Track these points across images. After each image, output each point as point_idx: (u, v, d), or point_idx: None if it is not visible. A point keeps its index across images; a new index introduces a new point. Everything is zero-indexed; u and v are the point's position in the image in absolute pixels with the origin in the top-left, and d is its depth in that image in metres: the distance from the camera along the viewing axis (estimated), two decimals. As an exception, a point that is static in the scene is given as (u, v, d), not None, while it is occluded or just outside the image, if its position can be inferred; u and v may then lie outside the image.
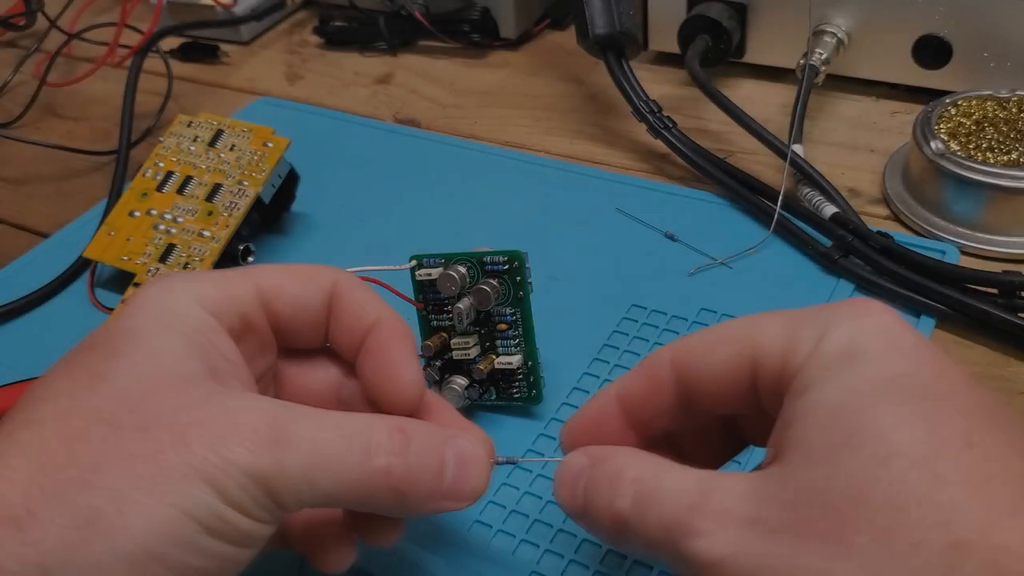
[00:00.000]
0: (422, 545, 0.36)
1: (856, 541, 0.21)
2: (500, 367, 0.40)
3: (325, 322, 0.32)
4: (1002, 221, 0.47)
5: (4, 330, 0.49)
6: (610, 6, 0.56)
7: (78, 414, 0.25)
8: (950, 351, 0.42)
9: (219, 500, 0.25)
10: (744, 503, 0.23)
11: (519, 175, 0.56)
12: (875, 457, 0.22)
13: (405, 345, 0.31)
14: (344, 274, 0.32)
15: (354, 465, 0.27)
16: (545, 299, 0.43)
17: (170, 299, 0.29)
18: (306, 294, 0.31)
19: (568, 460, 0.28)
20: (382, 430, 0.27)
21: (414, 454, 0.28)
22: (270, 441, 0.26)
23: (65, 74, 0.73)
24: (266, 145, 0.50)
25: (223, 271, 0.31)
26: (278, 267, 0.32)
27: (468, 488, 0.29)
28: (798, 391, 0.24)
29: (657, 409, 0.29)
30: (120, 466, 0.24)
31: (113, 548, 0.23)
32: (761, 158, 0.55)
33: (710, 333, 0.28)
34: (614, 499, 0.26)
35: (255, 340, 0.31)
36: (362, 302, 0.32)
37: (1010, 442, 0.22)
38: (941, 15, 0.54)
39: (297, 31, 0.78)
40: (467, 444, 0.29)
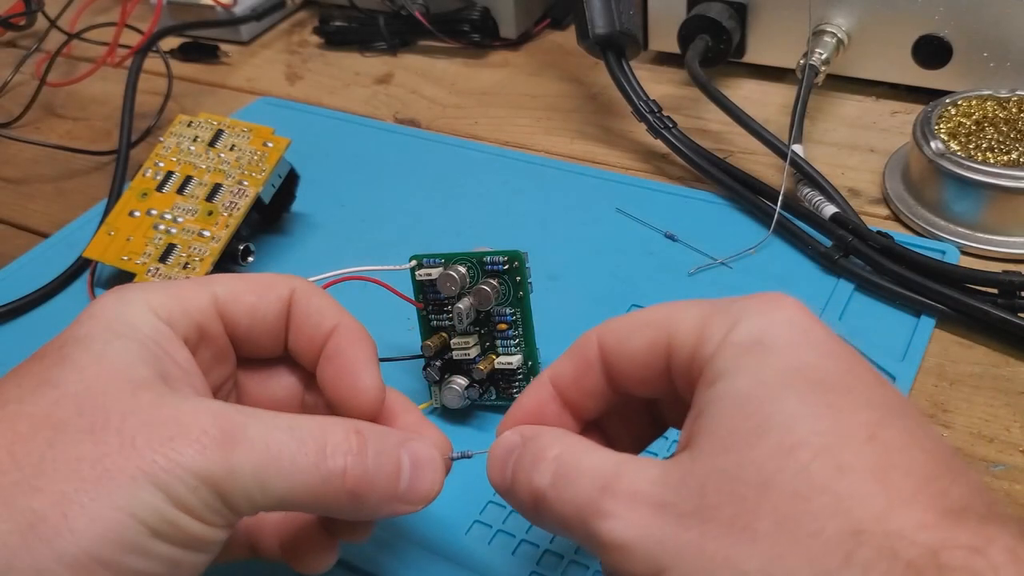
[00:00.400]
0: (422, 545, 0.36)
1: (759, 528, 0.22)
2: (500, 367, 0.40)
3: (283, 331, 0.32)
4: (1002, 221, 0.47)
5: (4, 330, 0.49)
6: (610, 6, 0.56)
7: (24, 419, 0.25)
8: (950, 351, 0.42)
9: (167, 503, 0.24)
10: (654, 487, 0.24)
11: (519, 175, 0.56)
12: (781, 446, 0.22)
13: (363, 350, 0.31)
14: (302, 282, 0.32)
15: (308, 467, 0.26)
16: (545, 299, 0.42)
17: (123, 308, 0.28)
18: (263, 303, 0.31)
19: (502, 438, 0.29)
20: (338, 431, 0.27)
21: (371, 456, 0.27)
22: (220, 442, 0.25)
23: (65, 74, 0.73)
24: (266, 145, 0.50)
25: (179, 281, 0.31)
26: (235, 276, 0.32)
27: (423, 491, 0.29)
28: (709, 379, 0.25)
29: (587, 390, 0.29)
30: (65, 469, 0.24)
31: (56, 552, 0.23)
32: (761, 158, 0.55)
33: (633, 317, 0.28)
34: (533, 475, 0.26)
35: (212, 349, 0.31)
36: (320, 309, 0.31)
37: (911, 435, 0.23)
38: (941, 15, 0.54)
39: (297, 31, 0.78)
40: (422, 447, 0.29)
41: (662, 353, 0.27)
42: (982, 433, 0.38)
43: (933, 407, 0.40)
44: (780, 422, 0.23)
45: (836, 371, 0.24)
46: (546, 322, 0.41)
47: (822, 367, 0.24)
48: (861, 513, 0.21)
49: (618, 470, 0.25)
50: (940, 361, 0.42)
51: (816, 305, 0.44)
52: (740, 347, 0.25)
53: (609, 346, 0.28)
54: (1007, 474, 0.37)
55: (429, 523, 0.36)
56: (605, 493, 0.24)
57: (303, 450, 0.26)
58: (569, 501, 0.25)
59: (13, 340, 0.48)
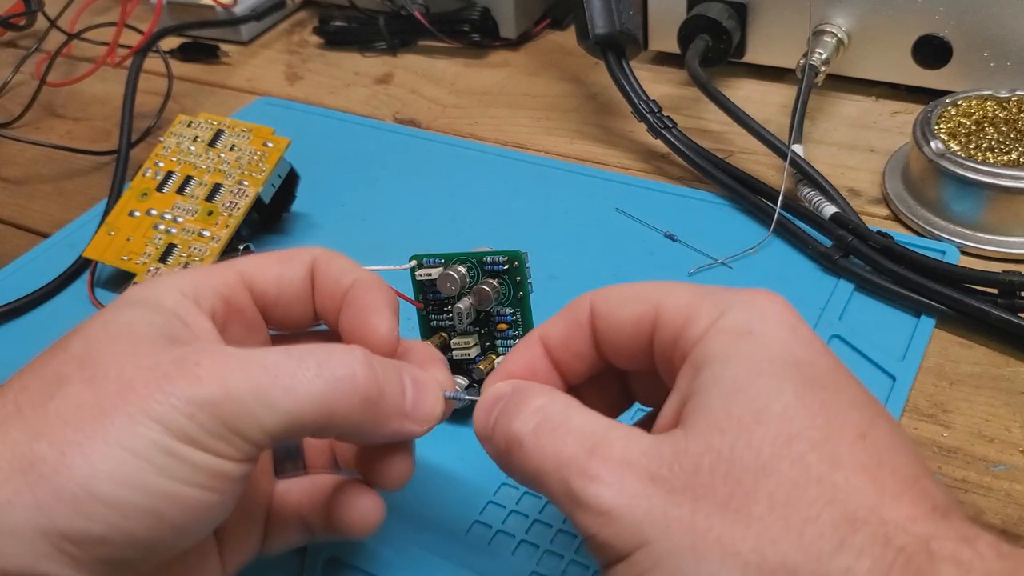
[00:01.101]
0: (422, 545, 0.36)
1: (754, 511, 0.22)
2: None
3: (310, 296, 0.32)
4: (1002, 221, 0.47)
5: (4, 330, 0.49)
6: (610, 6, 0.56)
7: (34, 378, 0.26)
8: (950, 351, 0.42)
9: (168, 435, 0.24)
10: (645, 458, 0.24)
11: (519, 175, 0.56)
12: (779, 436, 0.23)
13: (378, 297, 0.32)
14: (322, 249, 0.33)
15: (311, 379, 0.26)
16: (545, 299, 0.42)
17: (150, 287, 0.30)
18: (287, 271, 0.32)
19: (493, 387, 0.29)
20: (340, 348, 0.28)
21: (378, 367, 0.28)
22: (214, 371, 0.25)
23: (65, 74, 0.73)
24: (266, 145, 0.50)
25: (207, 266, 0.32)
26: (259, 254, 0.33)
27: (427, 409, 0.30)
28: (697, 361, 0.25)
29: (574, 351, 0.30)
30: (67, 415, 0.25)
31: (54, 489, 0.23)
32: (761, 158, 0.55)
33: (626, 287, 0.29)
34: (514, 420, 0.27)
35: (241, 321, 0.31)
36: (340, 268, 0.32)
37: (894, 438, 0.24)
38: (941, 15, 0.54)
39: (297, 31, 0.78)
40: (421, 373, 0.30)
41: (648, 327, 0.28)
42: (982, 433, 0.38)
43: (933, 407, 0.40)
44: (779, 412, 0.24)
45: (825, 369, 0.25)
46: (546, 322, 0.41)
47: (813, 364, 0.25)
48: (855, 503, 0.22)
49: (607, 435, 0.25)
50: (940, 361, 0.42)
51: (816, 305, 0.44)
52: (731, 333, 0.25)
53: (600, 311, 0.29)
54: (1007, 474, 0.37)
55: (429, 523, 0.37)
56: (593, 455, 0.25)
57: (303, 366, 0.26)
58: (552, 455, 0.25)
59: (13, 340, 0.48)
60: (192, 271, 0.31)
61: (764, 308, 0.26)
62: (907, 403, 0.40)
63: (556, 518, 0.36)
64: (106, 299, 0.49)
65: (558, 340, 0.30)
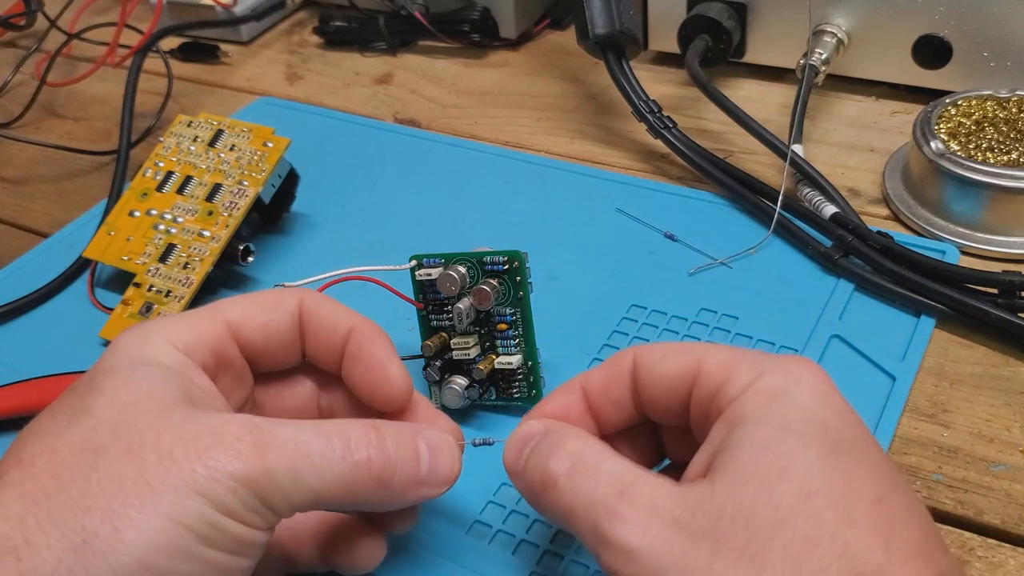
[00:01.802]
0: (422, 545, 0.36)
1: (769, 559, 0.24)
2: (500, 367, 0.40)
3: (297, 342, 0.33)
4: (1002, 221, 0.47)
5: (4, 330, 0.49)
6: (610, 6, 0.56)
7: (64, 448, 0.26)
8: (950, 351, 0.42)
9: (211, 508, 0.25)
10: (670, 503, 0.26)
11: (519, 175, 0.56)
12: (799, 492, 0.25)
13: (384, 346, 0.33)
14: (308, 293, 0.34)
15: (337, 461, 0.28)
16: (545, 299, 0.43)
17: (143, 342, 0.30)
18: (274, 319, 0.33)
19: (525, 425, 0.31)
20: (356, 428, 0.29)
21: (391, 445, 0.29)
22: (254, 447, 0.27)
23: (65, 74, 0.73)
24: (266, 145, 0.50)
25: (191, 312, 0.32)
26: (243, 298, 0.33)
27: (443, 472, 0.31)
28: (733, 418, 0.27)
29: (613, 400, 0.31)
30: (111, 488, 0.25)
31: (110, 564, 0.24)
32: (761, 158, 0.55)
33: (669, 344, 0.31)
34: (551, 460, 0.28)
35: (230, 372, 0.32)
36: (332, 314, 0.33)
37: (909, 508, 0.25)
38: (941, 15, 0.54)
39: (297, 31, 0.78)
40: (435, 434, 0.31)
41: (688, 381, 0.29)
42: (982, 433, 0.38)
43: (933, 407, 0.40)
44: (801, 471, 0.25)
45: (851, 436, 0.27)
46: (546, 322, 0.41)
47: (840, 430, 0.26)
48: (863, 560, 0.23)
49: (636, 479, 0.27)
50: (940, 361, 0.42)
51: (816, 305, 0.44)
52: (767, 395, 0.27)
53: (643, 363, 0.31)
54: (1007, 474, 0.37)
55: (429, 523, 0.36)
56: (622, 498, 0.26)
57: (331, 446, 0.28)
58: (584, 495, 0.27)
59: (13, 340, 0.48)
60: (177, 320, 0.31)
61: (800, 374, 0.28)
62: (907, 403, 0.40)
63: (556, 518, 0.36)
64: (106, 299, 0.49)
65: (598, 387, 0.32)
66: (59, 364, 0.44)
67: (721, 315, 0.44)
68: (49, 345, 0.47)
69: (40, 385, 0.43)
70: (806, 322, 0.43)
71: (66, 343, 0.47)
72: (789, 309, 0.44)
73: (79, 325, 0.48)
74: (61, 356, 0.46)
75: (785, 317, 0.44)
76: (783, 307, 0.45)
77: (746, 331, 0.43)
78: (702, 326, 0.44)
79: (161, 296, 0.47)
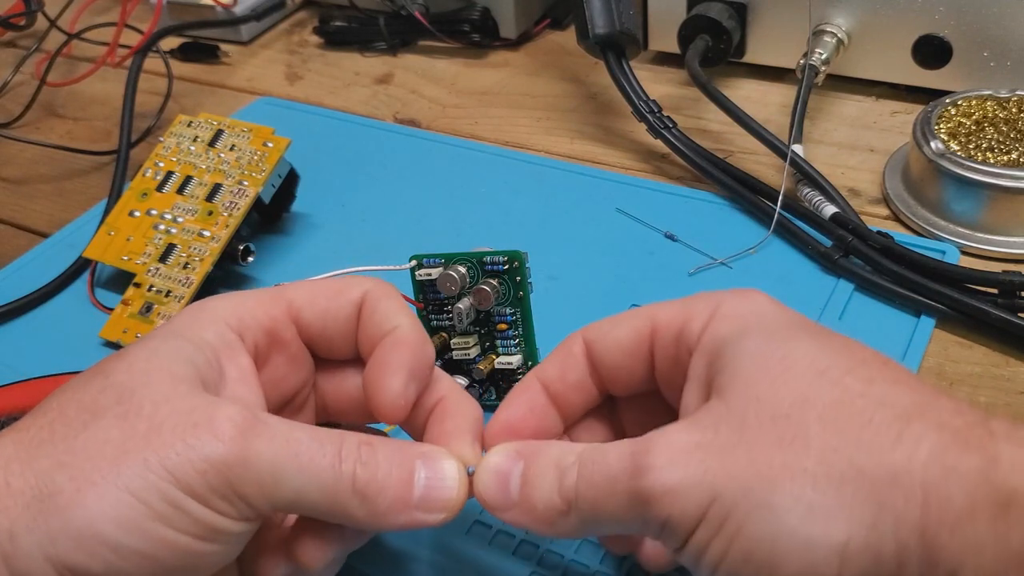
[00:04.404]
0: (422, 545, 0.36)
1: (809, 434, 0.24)
2: (500, 367, 0.40)
3: (354, 333, 0.32)
4: (1002, 221, 0.47)
5: (4, 330, 0.49)
6: (610, 6, 0.56)
7: (72, 403, 0.27)
8: (950, 351, 0.42)
9: (174, 487, 0.25)
10: (687, 434, 0.26)
11: (519, 175, 0.56)
12: (811, 371, 0.25)
13: (402, 355, 0.30)
14: (376, 284, 0.32)
15: (324, 467, 0.27)
16: (545, 299, 0.43)
17: (196, 314, 0.30)
18: (335, 306, 0.32)
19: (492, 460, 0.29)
20: (351, 440, 0.28)
21: (381, 463, 0.28)
22: (242, 430, 0.26)
23: (65, 74, 0.73)
24: (266, 145, 0.50)
25: (259, 291, 0.32)
26: (310, 282, 0.33)
27: (440, 500, 0.28)
28: (712, 347, 0.27)
29: (572, 383, 0.31)
30: (91, 448, 0.26)
31: (65, 524, 0.25)
32: (761, 158, 0.55)
33: (614, 316, 0.31)
34: (563, 481, 0.27)
35: (285, 355, 0.32)
36: (386, 311, 0.32)
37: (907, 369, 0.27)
38: (941, 15, 0.54)
39: (297, 31, 0.78)
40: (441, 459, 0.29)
41: (645, 339, 0.30)
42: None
43: (933, 407, 0.40)
44: (804, 355, 0.26)
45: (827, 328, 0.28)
46: (546, 322, 0.41)
47: (813, 323, 0.28)
48: (903, 404, 0.24)
49: (643, 439, 0.26)
50: (940, 361, 0.42)
51: (816, 305, 0.44)
52: (732, 317, 0.28)
53: (592, 338, 0.31)
54: (1007, 474, 0.37)
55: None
56: (640, 456, 0.25)
57: (322, 451, 0.27)
58: (604, 480, 0.26)
59: (13, 340, 0.48)
60: (241, 297, 0.31)
61: (751, 295, 0.29)
62: (907, 403, 0.40)
63: (556, 518, 0.36)
64: (106, 299, 0.49)
65: (554, 374, 0.31)
66: (59, 364, 0.44)
67: (721, 315, 0.44)
68: (49, 345, 0.47)
69: (40, 385, 0.43)
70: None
71: (66, 343, 0.47)
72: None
73: (79, 325, 0.48)
74: (61, 356, 0.46)
75: (785, 317, 0.44)
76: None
77: (746, 331, 0.43)
78: (702, 326, 0.44)
79: (161, 296, 0.47)
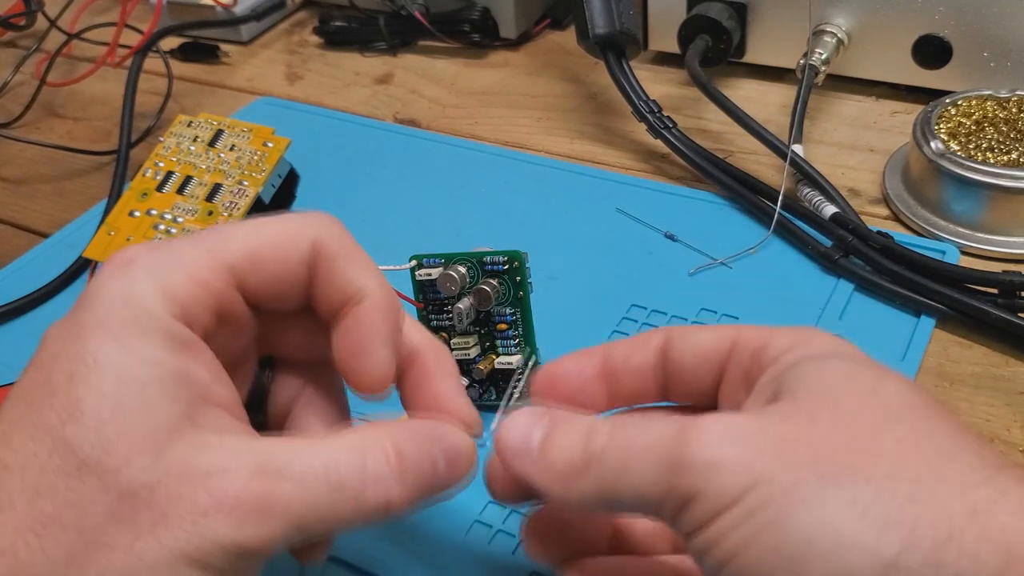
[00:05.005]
0: (422, 545, 0.36)
1: (885, 448, 0.23)
2: (500, 367, 0.40)
3: (305, 289, 0.29)
4: (1002, 221, 0.47)
5: (4, 330, 0.49)
6: (610, 6, 0.56)
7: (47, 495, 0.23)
8: (950, 351, 0.42)
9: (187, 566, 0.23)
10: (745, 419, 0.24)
11: (519, 175, 0.56)
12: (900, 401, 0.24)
13: (381, 325, 0.28)
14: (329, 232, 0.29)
15: (347, 510, 0.25)
16: (545, 299, 0.43)
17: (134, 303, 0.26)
18: (283, 268, 0.28)
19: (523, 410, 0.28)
20: (377, 458, 0.26)
21: (411, 475, 0.26)
22: (255, 512, 0.24)
23: (65, 74, 0.73)
24: (266, 145, 0.50)
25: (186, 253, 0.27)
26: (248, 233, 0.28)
27: (458, 484, 0.28)
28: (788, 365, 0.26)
29: (635, 366, 0.30)
30: (98, 560, 0.23)
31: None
32: (761, 158, 0.55)
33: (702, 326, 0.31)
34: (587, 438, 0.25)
35: (233, 327, 0.29)
36: (345, 271, 0.28)
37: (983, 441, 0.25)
38: (941, 15, 0.54)
39: (297, 31, 0.78)
40: (456, 440, 0.28)
41: (725, 349, 0.28)
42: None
43: (933, 407, 0.40)
44: (896, 390, 0.24)
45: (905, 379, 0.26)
46: (546, 322, 0.41)
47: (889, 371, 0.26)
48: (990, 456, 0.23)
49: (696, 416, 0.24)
50: (940, 361, 0.42)
51: (816, 305, 0.44)
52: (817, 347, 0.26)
53: (675, 335, 0.30)
54: (1007, 474, 0.37)
55: (429, 523, 0.36)
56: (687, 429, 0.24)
57: (342, 496, 0.25)
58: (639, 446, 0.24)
59: (13, 340, 0.48)
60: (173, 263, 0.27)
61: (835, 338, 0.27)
62: (907, 403, 0.40)
63: (556, 518, 0.36)
64: (106, 299, 0.49)
65: (621, 352, 0.30)
66: (59, 364, 0.44)
67: (721, 315, 0.44)
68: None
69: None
70: (806, 322, 0.43)
71: (66, 343, 0.47)
72: (789, 309, 0.44)
73: (79, 325, 0.48)
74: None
75: (785, 317, 0.44)
76: (783, 307, 0.45)
77: (746, 331, 0.43)
78: (702, 326, 0.44)
79: (161, 296, 0.47)
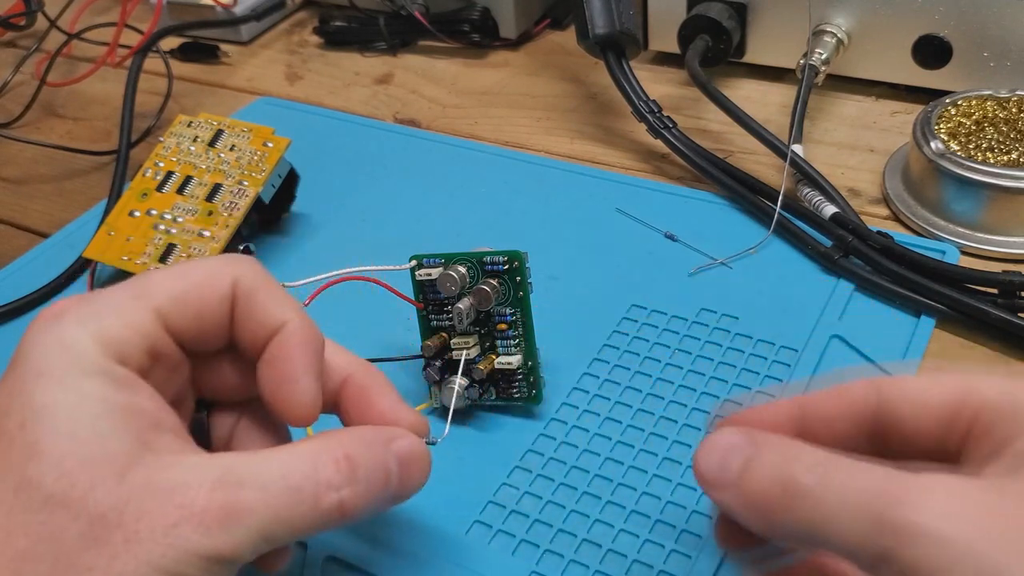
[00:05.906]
0: (422, 545, 0.36)
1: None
2: (500, 367, 0.40)
3: (228, 327, 0.30)
4: (1002, 221, 0.47)
5: (4, 330, 0.49)
6: (610, 6, 0.56)
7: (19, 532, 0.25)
8: (950, 351, 0.42)
9: None
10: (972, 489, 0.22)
11: (519, 175, 0.56)
12: None
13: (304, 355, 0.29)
14: (245, 271, 0.30)
15: (306, 513, 0.27)
16: (545, 299, 0.43)
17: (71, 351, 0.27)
18: (206, 308, 0.29)
19: (722, 433, 0.27)
20: (328, 464, 0.27)
21: (363, 479, 0.28)
22: (222, 520, 0.25)
23: (65, 74, 0.73)
24: (266, 145, 0.50)
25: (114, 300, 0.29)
26: (170, 277, 0.30)
27: (411, 486, 0.30)
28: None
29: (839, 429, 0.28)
30: None
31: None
32: (761, 158, 0.55)
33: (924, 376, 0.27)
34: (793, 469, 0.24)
35: (166, 366, 0.30)
36: (264, 305, 0.30)
37: None
38: (941, 15, 0.54)
39: (297, 31, 0.78)
40: (408, 445, 0.29)
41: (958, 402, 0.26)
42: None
43: (933, 407, 0.40)
44: None
45: None
46: (546, 322, 0.41)
47: None
48: None
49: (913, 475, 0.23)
50: (940, 361, 0.42)
51: (816, 305, 0.44)
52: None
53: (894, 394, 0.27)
54: (1007, 474, 0.37)
55: (429, 523, 0.36)
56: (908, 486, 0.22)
57: (300, 498, 0.27)
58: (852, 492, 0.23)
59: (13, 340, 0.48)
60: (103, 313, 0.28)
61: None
62: (907, 403, 0.40)
63: (556, 518, 0.36)
64: (106, 299, 0.49)
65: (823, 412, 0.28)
66: (59, 364, 0.44)
67: (721, 315, 0.44)
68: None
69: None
70: (806, 322, 0.43)
71: (66, 343, 0.47)
72: (789, 309, 0.44)
73: (79, 325, 0.48)
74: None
75: (785, 317, 0.44)
76: (783, 307, 0.45)
77: (746, 331, 0.43)
78: (702, 326, 0.44)
79: (161, 296, 0.47)
